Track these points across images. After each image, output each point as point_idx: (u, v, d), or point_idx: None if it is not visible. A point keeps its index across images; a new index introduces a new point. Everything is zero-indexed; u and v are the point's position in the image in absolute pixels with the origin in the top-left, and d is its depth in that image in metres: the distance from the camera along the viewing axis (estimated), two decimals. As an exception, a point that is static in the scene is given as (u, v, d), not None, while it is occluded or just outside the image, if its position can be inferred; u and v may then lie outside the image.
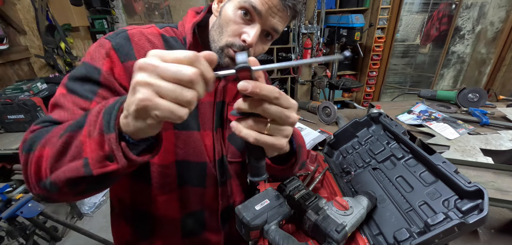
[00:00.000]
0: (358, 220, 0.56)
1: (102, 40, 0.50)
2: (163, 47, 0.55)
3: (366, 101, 3.74)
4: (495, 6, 2.95)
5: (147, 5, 3.26)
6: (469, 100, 1.41)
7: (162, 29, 0.58)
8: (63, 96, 0.46)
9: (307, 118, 1.52)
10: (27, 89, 1.83)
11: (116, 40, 0.50)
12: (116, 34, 0.51)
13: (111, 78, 0.48)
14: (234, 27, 0.51)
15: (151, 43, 0.54)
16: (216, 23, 0.54)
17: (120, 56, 0.49)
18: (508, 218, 0.72)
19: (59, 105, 0.45)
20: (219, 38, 0.52)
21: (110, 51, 0.48)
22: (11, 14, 2.13)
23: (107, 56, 0.48)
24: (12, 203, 1.32)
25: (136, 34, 0.52)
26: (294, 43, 2.44)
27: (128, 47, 0.50)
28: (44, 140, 0.38)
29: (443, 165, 0.57)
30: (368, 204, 0.60)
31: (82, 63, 0.49)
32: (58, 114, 0.44)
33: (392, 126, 0.76)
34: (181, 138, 0.57)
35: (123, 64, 0.49)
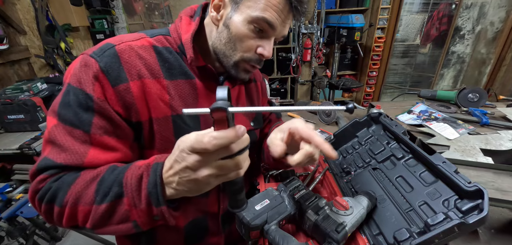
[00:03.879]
0: (358, 220, 0.56)
1: (87, 59, 0.44)
2: (156, 61, 0.50)
3: (366, 101, 3.74)
4: (495, 6, 2.94)
5: (147, 5, 3.26)
6: (469, 100, 1.41)
7: (153, 39, 0.52)
8: (57, 130, 0.42)
9: (307, 119, 1.52)
10: (27, 89, 1.83)
11: (104, 60, 0.44)
12: (103, 51, 0.45)
13: (105, 105, 0.43)
14: (250, 43, 0.51)
15: (142, 59, 0.48)
16: (223, 37, 0.52)
17: (110, 80, 0.44)
18: (508, 218, 0.72)
19: (57, 144, 0.42)
20: (233, 53, 0.52)
21: (99, 74, 0.43)
22: (11, 14, 2.13)
23: (96, 79, 0.43)
24: (12, 203, 1.33)
25: (125, 51, 0.46)
26: (294, 43, 2.44)
27: (118, 68, 0.45)
28: (72, 199, 0.39)
29: (443, 165, 0.57)
30: (368, 204, 0.60)
31: (69, 87, 0.44)
32: (60, 156, 0.41)
33: (392, 126, 0.76)
34: None
35: (114, 89, 0.44)
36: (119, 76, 0.45)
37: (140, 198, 0.37)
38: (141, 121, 0.48)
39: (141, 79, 0.47)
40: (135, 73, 0.46)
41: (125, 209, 0.38)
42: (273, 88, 3.62)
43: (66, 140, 0.42)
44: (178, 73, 0.53)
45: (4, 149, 1.59)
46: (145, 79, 0.48)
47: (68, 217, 0.40)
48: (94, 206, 0.39)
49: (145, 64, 0.48)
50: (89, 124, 0.43)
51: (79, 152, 0.42)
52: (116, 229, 0.40)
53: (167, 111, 0.51)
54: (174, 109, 0.52)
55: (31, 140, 1.65)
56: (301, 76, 2.57)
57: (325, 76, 2.53)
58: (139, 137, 0.51)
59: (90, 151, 0.43)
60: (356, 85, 2.40)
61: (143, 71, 0.47)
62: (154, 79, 0.49)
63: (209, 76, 0.57)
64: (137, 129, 0.49)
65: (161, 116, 0.50)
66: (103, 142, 0.44)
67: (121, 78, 0.45)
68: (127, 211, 0.38)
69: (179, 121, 0.53)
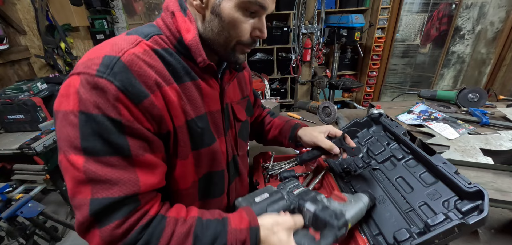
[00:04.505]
0: (357, 213, 0.56)
1: (94, 80, 0.38)
2: (164, 68, 0.47)
3: (366, 101, 3.74)
4: (495, 6, 2.94)
5: (147, 5, 3.26)
6: (469, 100, 1.41)
7: (150, 41, 0.47)
8: (92, 166, 0.38)
9: (307, 119, 1.52)
10: (27, 89, 1.83)
11: (118, 77, 0.39)
12: (109, 67, 0.39)
13: (134, 125, 0.40)
14: (244, 27, 0.49)
15: (152, 68, 0.44)
16: (214, 26, 0.49)
17: (132, 98, 0.40)
18: (508, 218, 0.72)
19: (101, 180, 0.38)
20: (228, 40, 0.51)
21: (119, 95, 0.39)
22: (11, 14, 2.13)
23: (117, 100, 0.38)
24: (12, 203, 1.33)
25: (133, 62, 0.42)
26: (294, 43, 2.44)
27: (134, 83, 0.41)
28: None
29: (443, 166, 0.57)
30: (368, 202, 0.60)
31: (84, 116, 0.38)
32: (116, 190, 0.38)
33: (393, 127, 0.76)
34: (199, 157, 0.55)
35: (138, 107, 0.41)
36: (140, 92, 0.41)
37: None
38: (169, 131, 0.48)
39: (160, 89, 0.45)
40: (153, 84, 0.43)
41: None
42: (273, 88, 3.62)
43: (109, 172, 0.38)
44: (184, 76, 0.51)
45: (4, 149, 1.59)
46: (163, 88, 0.45)
47: None
48: None
49: (157, 72, 0.45)
50: (127, 147, 0.40)
51: (131, 179, 0.40)
52: None
53: (183, 117, 0.50)
54: (188, 114, 0.51)
55: (31, 140, 1.65)
56: (301, 76, 2.57)
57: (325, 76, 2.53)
58: (167, 148, 0.49)
59: (139, 174, 0.41)
60: (356, 85, 2.40)
61: (158, 80, 0.44)
62: (169, 85, 0.47)
63: (209, 73, 0.56)
64: (166, 140, 0.48)
65: (181, 123, 0.49)
66: (147, 161, 0.43)
67: (142, 94, 0.41)
68: None
69: (193, 125, 0.52)
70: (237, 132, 0.68)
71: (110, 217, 0.38)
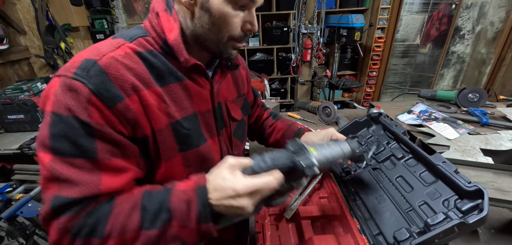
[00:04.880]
0: (329, 157, 0.51)
1: (69, 82, 0.39)
2: (145, 69, 0.47)
3: (366, 101, 3.74)
4: (495, 6, 2.94)
5: (147, 5, 3.26)
6: (469, 100, 1.41)
7: (133, 43, 0.48)
8: (57, 165, 0.39)
9: (307, 118, 1.52)
10: (27, 89, 1.82)
11: (92, 81, 0.40)
12: (86, 70, 0.40)
13: (105, 129, 0.41)
14: (235, 21, 0.49)
15: (131, 70, 0.45)
16: (205, 22, 0.48)
17: (106, 102, 0.41)
18: (508, 218, 0.72)
19: (63, 180, 0.39)
20: (219, 36, 0.50)
21: (91, 97, 0.39)
22: (11, 14, 2.13)
23: (89, 103, 0.39)
24: (12, 203, 1.32)
25: (111, 65, 0.42)
26: (294, 43, 2.44)
27: (109, 87, 0.41)
28: (116, 229, 0.40)
29: (443, 165, 0.57)
30: (349, 149, 0.56)
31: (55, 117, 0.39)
32: (75, 191, 0.39)
33: (392, 126, 0.77)
34: (188, 158, 0.55)
35: (112, 110, 0.42)
36: (114, 95, 0.42)
37: (190, 219, 0.41)
38: (146, 135, 0.48)
39: (137, 92, 0.45)
40: (129, 88, 0.44)
41: (175, 230, 0.41)
42: (273, 88, 3.62)
43: (73, 173, 0.39)
44: (168, 77, 0.50)
45: (4, 149, 1.59)
46: (141, 92, 0.45)
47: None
48: (142, 231, 0.41)
49: (135, 75, 0.45)
50: (93, 151, 0.40)
51: (92, 182, 0.40)
52: None
53: (165, 120, 0.50)
54: (172, 116, 0.51)
55: (31, 140, 1.65)
56: (301, 76, 2.57)
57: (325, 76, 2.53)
58: (147, 151, 0.49)
59: (102, 177, 0.42)
60: (356, 85, 2.40)
61: (136, 83, 0.45)
62: (148, 89, 0.47)
63: (198, 72, 0.55)
64: (143, 144, 0.48)
65: (162, 126, 0.49)
66: (113, 165, 0.43)
67: (117, 97, 0.42)
68: (176, 232, 0.41)
69: (179, 127, 0.52)
70: (232, 131, 0.67)
71: (67, 212, 0.39)
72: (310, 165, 0.44)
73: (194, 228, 0.41)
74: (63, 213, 0.39)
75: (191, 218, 0.41)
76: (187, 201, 0.41)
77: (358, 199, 0.70)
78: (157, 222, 0.41)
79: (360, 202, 0.69)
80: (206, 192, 0.42)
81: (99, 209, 0.41)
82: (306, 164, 0.44)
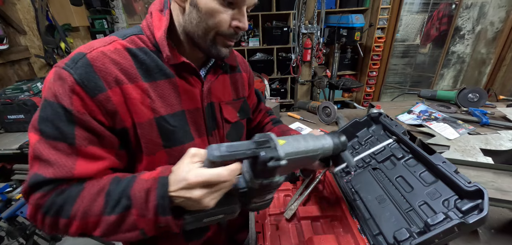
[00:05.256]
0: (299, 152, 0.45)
1: (60, 71, 0.44)
2: (132, 64, 0.49)
3: (366, 101, 3.74)
4: (495, 6, 2.94)
5: (147, 5, 3.26)
6: (469, 100, 1.41)
7: (125, 40, 0.50)
8: (41, 145, 0.43)
9: (307, 118, 1.52)
10: (27, 89, 1.83)
11: (78, 71, 0.43)
12: (75, 62, 0.44)
13: (85, 117, 0.44)
14: (222, 17, 0.48)
15: (117, 64, 0.47)
16: (193, 18, 0.49)
17: (87, 91, 0.44)
18: (508, 218, 0.72)
19: (43, 160, 0.43)
20: (206, 32, 0.50)
21: (75, 86, 0.43)
22: (11, 14, 2.13)
23: (72, 92, 0.43)
24: (12, 203, 1.33)
25: (97, 58, 0.45)
26: (294, 43, 2.44)
27: (93, 78, 0.44)
28: (80, 211, 0.42)
29: (443, 165, 0.57)
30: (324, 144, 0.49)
31: (45, 102, 0.44)
32: (48, 171, 0.42)
33: (392, 126, 0.76)
34: (173, 154, 0.55)
35: (93, 100, 0.44)
36: (97, 86, 0.44)
37: (148, 209, 0.40)
38: (126, 127, 0.49)
39: (120, 85, 0.47)
40: (112, 81, 0.46)
41: (134, 219, 0.41)
42: (273, 88, 3.62)
43: (52, 154, 0.42)
44: (157, 74, 0.52)
45: (4, 149, 1.59)
46: (124, 85, 0.47)
47: (78, 227, 0.42)
48: (103, 216, 0.42)
49: (121, 69, 0.47)
50: (72, 136, 0.43)
51: (67, 165, 0.43)
52: (124, 236, 0.43)
53: (149, 114, 0.50)
54: (157, 112, 0.51)
55: (31, 140, 1.65)
56: (301, 76, 2.57)
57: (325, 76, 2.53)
58: (127, 143, 0.51)
59: (77, 162, 0.44)
60: (356, 85, 2.40)
61: (120, 77, 0.47)
62: (133, 83, 0.49)
63: (188, 71, 0.55)
64: (123, 136, 0.50)
65: (143, 120, 0.50)
66: (89, 152, 0.45)
67: (99, 88, 0.45)
68: (135, 220, 0.41)
69: (164, 123, 0.52)
70: (226, 133, 0.66)
71: (40, 189, 0.43)
72: (274, 156, 0.38)
73: (152, 218, 0.40)
74: (37, 190, 0.43)
75: (149, 208, 0.40)
76: (146, 190, 0.41)
77: (358, 199, 0.70)
78: (117, 208, 0.41)
79: (360, 202, 0.69)
80: (167, 184, 0.41)
81: (68, 190, 0.43)
82: (269, 155, 0.38)
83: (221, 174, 0.38)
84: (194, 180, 0.38)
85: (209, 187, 0.39)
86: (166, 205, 0.40)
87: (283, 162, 0.39)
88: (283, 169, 0.41)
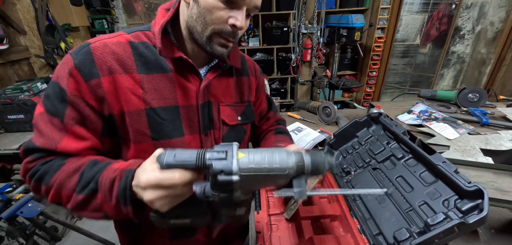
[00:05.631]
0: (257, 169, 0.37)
1: (67, 56, 0.49)
2: (131, 56, 0.52)
3: (366, 101, 3.74)
4: (495, 6, 2.94)
5: (147, 5, 3.26)
6: (469, 100, 1.41)
7: (131, 35, 0.54)
8: (41, 117, 0.49)
9: (307, 118, 1.52)
10: (27, 89, 1.83)
11: (78, 57, 0.48)
12: (80, 49, 0.50)
13: (76, 99, 0.48)
14: (220, 14, 0.49)
15: (115, 55, 0.51)
16: (194, 12, 0.50)
17: (83, 76, 0.48)
18: (508, 218, 0.72)
19: (38, 130, 0.49)
20: (204, 28, 0.50)
21: (73, 70, 0.48)
22: (11, 14, 2.13)
23: (70, 75, 0.48)
24: (12, 203, 1.32)
25: (98, 48, 0.50)
26: (294, 43, 2.44)
27: (90, 65, 0.49)
28: (57, 183, 0.46)
29: (443, 165, 0.57)
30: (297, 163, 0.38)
31: (51, 81, 0.51)
32: (39, 140, 0.48)
33: (392, 126, 0.76)
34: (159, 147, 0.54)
35: (87, 84, 0.48)
36: (91, 72, 0.49)
37: (111, 197, 0.43)
38: (112, 114, 0.51)
39: (112, 74, 0.50)
40: (106, 69, 0.50)
41: (98, 202, 0.45)
42: (273, 88, 3.62)
43: (46, 127, 0.48)
44: (154, 67, 0.54)
45: (4, 149, 1.59)
46: (116, 75, 0.51)
47: (53, 196, 0.47)
48: (74, 194, 0.46)
49: (117, 59, 0.51)
50: (63, 114, 0.48)
51: (54, 139, 0.48)
52: (90, 215, 0.47)
53: (140, 105, 0.52)
54: (148, 103, 0.53)
55: (31, 140, 1.65)
56: (301, 76, 2.57)
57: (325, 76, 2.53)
58: (115, 129, 0.54)
59: (64, 139, 0.49)
60: (356, 85, 2.40)
61: (114, 66, 0.50)
62: (126, 74, 0.52)
63: (186, 67, 0.56)
64: (110, 122, 0.52)
65: (133, 109, 0.52)
66: (75, 131, 0.49)
67: (93, 74, 0.49)
68: (99, 204, 0.45)
69: (153, 115, 0.54)
70: (223, 134, 0.65)
71: (30, 155, 0.49)
72: (224, 170, 0.34)
73: (114, 206, 0.43)
74: (29, 155, 0.49)
75: (112, 196, 0.43)
76: (112, 179, 0.44)
77: (358, 199, 0.70)
78: (86, 190, 0.45)
79: (360, 202, 0.69)
80: (131, 177, 0.43)
81: (52, 162, 0.48)
82: (219, 167, 0.34)
83: (171, 179, 0.37)
84: (144, 182, 0.39)
85: (161, 190, 0.38)
86: (127, 197, 0.42)
87: (234, 177, 0.35)
88: (242, 185, 0.36)
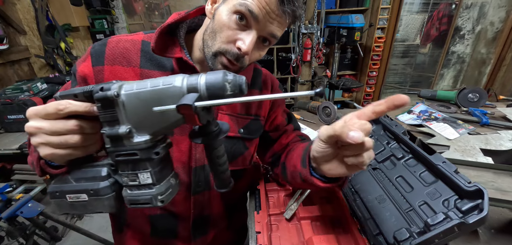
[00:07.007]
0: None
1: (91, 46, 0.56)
2: (138, 52, 0.56)
3: (366, 101, 3.74)
4: (495, 6, 2.94)
5: (147, 5, 3.26)
6: (469, 100, 1.41)
7: (147, 35, 0.58)
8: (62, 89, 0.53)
9: (307, 118, 1.52)
10: (27, 89, 1.83)
11: (96, 47, 0.55)
12: (100, 41, 0.56)
13: (80, 80, 0.54)
14: (228, 33, 0.48)
15: (123, 49, 0.55)
16: (209, 26, 0.51)
17: (92, 61, 0.54)
18: (508, 218, 0.72)
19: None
20: (213, 43, 0.49)
21: (88, 56, 0.54)
22: (11, 14, 2.13)
23: (85, 59, 0.54)
24: (12, 203, 1.32)
25: (113, 41, 0.55)
26: (294, 43, 2.44)
27: (101, 53, 0.54)
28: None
29: (443, 165, 0.57)
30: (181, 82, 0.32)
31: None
32: None
33: (392, 126, 0.76)
34: None
35: (93, 68, 0.54)
36: (99, 59, 0.54)
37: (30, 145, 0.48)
38: None
39: (114, 65, 0.54)
40: (110, 59, 0.54)
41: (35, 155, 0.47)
42: (273, 88, 3.62)
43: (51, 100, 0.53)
44: (155, 65, 0.56)
45: (4, 149, 1.59)
46: (117, 66, 0.54)
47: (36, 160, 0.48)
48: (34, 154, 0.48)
49: (124, 53, 0.55)
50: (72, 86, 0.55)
51: None
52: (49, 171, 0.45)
53: None
54: None
55: (31, 140, 1.65)
56: (301, 76, 2.57)
57: (325, 76, 2.53)
58: None
59: None
60: (356, 85, 2.40)
61: (119, 59, 0.54)
62: (128, 66, 0.55)
63: (188, 70, 0.55)
64: None
65: None
66: None
67: (99, 62, 0.54)
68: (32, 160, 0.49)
69: None
70: None
71: None
72: (104, 86, 0.33)
73: (37, 156, 0.45)
74: None
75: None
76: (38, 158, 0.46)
77: (358, 199, 0.70)
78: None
79: (360, 202, 0.69)
80: None
81: None
82: (99, 86, 0.34)
83: (52, 104, 0.34)
84: (30, 109, 0.35)
85: (39, 120, 0.34)
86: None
87: (111, 92, 0.32)
88: (127, 110, 0.33)
